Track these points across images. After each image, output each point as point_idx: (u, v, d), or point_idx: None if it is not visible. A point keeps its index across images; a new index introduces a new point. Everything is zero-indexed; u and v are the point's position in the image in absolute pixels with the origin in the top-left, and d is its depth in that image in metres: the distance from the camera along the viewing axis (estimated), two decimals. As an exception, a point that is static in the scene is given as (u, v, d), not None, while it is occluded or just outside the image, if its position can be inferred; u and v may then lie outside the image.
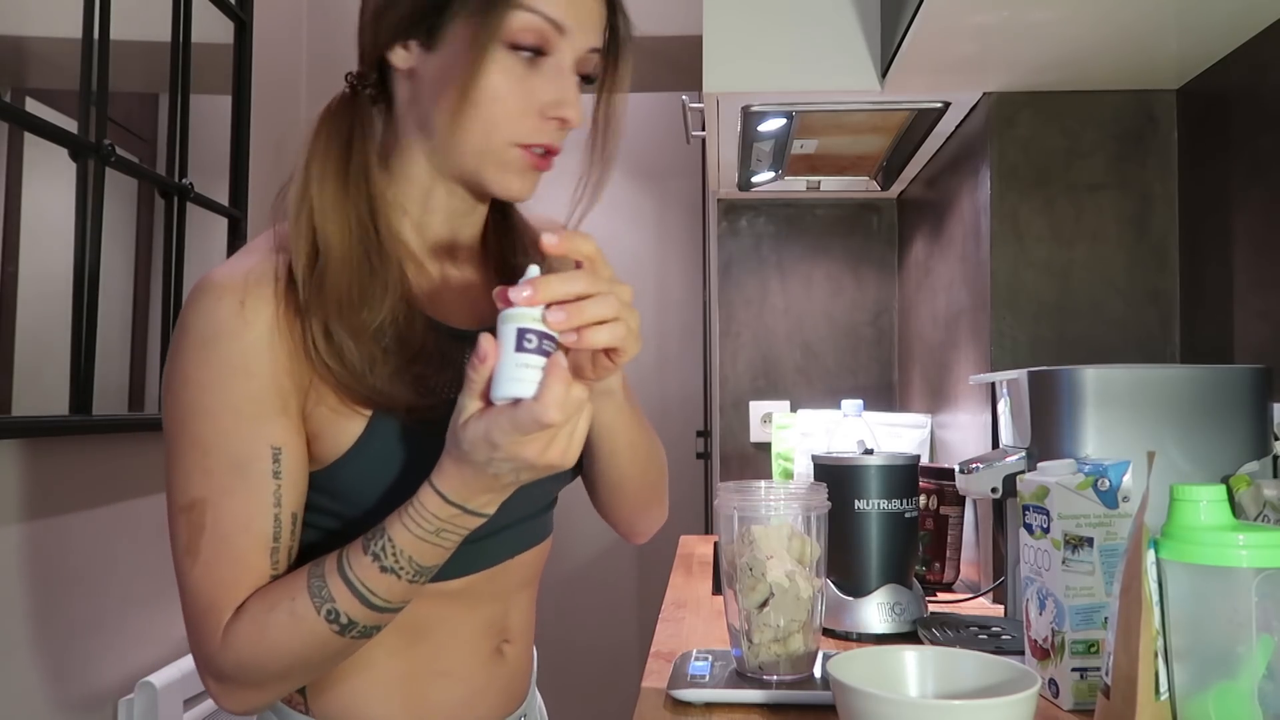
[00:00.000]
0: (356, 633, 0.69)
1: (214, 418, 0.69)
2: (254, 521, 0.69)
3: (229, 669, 0.69)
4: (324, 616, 0.68)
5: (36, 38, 1.35)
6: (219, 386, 0.69)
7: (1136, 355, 1.46)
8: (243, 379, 0.69)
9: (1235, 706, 0.63)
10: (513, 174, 0.75)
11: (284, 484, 0.70)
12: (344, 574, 0.68)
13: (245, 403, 0.69)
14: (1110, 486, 0.87)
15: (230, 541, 0.69)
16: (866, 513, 1.22)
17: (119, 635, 1.49)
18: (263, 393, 0.70)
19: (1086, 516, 0.87)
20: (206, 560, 0.69)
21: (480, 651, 0.83)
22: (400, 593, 0.69)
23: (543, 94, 0.73)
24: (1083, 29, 1.27)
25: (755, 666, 0.95)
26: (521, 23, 0.71)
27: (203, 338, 0.69)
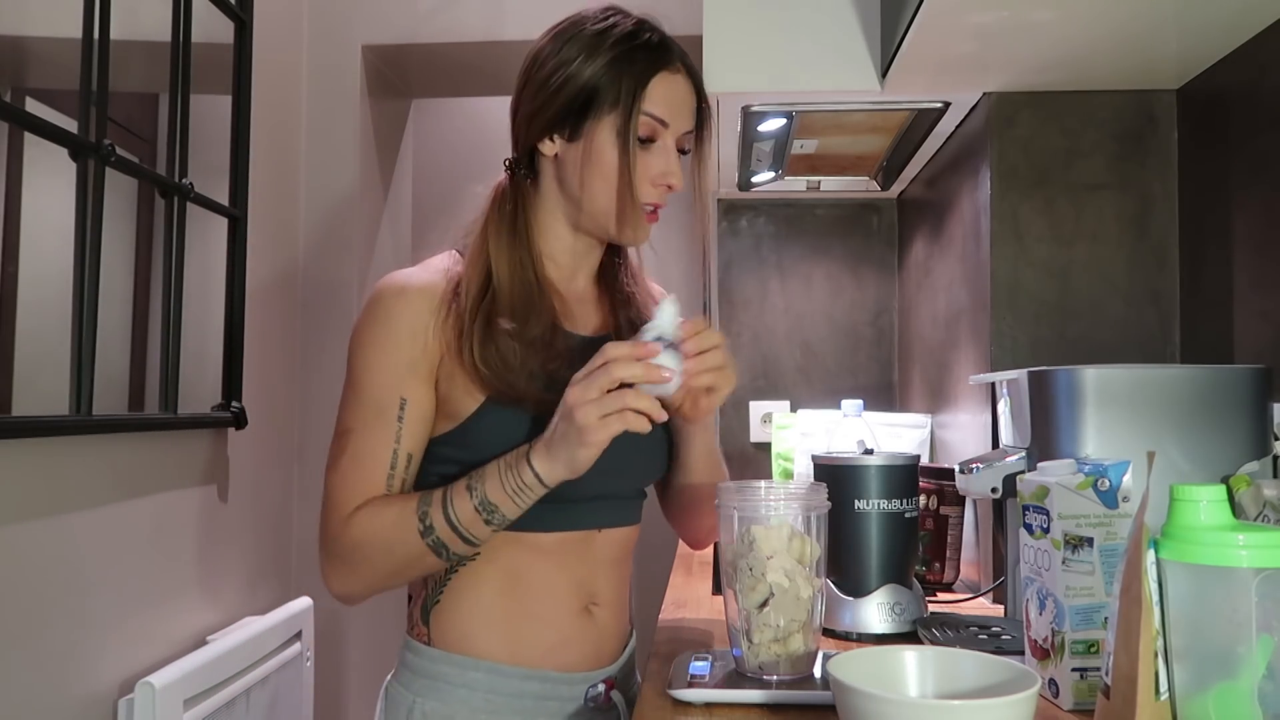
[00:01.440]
0: (434, 543, 0.93)
1: (369, 371, 0.98)
2: (379, 451, 0.97)
3: (343, 546, 0.95)
4: (419, 519, 0.93)
5: (36, 38, 1.35)
6: (377, 349, 0.98)
7: (1136, 355, 1.46)
8: (393, 347, 0.97)
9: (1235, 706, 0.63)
10: (633, 227, 1.03)
11: (404, 428, 0.97)
12: (445, 497, 0.93)
13: (391, 364, 0.97)
14: (1110, 486, 0.87)
15: (360, 462, 0.97)
16: (866, 513, 1.22)
17: (119, 635, 1.49)
18: (404, 359, 0.97)
19: (1086, 516, 0.87)
20: (343, 473, 0.97)
21: (570, 606, 1.03)
22: (480, 531, 0.93)
23: (655, 168, 1.01)
24: (1083, 29, 1.27)
25: (755, 666, 0.95)
26: (648, 126, 1.00)
27: (376, 315, 0.99)
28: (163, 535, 1.62)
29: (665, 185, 1.02)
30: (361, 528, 0.95)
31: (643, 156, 1.01)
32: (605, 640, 1.07)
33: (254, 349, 1.92)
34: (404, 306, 0.98)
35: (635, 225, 1.03)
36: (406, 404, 0.97)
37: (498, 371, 0.96)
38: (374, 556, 0.95)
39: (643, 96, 0.99)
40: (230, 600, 1.85)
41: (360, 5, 2.32)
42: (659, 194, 1.03)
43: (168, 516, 1.64)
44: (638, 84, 0.99)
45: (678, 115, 1.02)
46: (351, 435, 0.97)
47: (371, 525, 0.94)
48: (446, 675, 1.00)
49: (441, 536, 0.93)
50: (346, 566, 0.96)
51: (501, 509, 0.92)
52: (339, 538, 0.96)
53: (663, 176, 1.02)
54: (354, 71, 2.32)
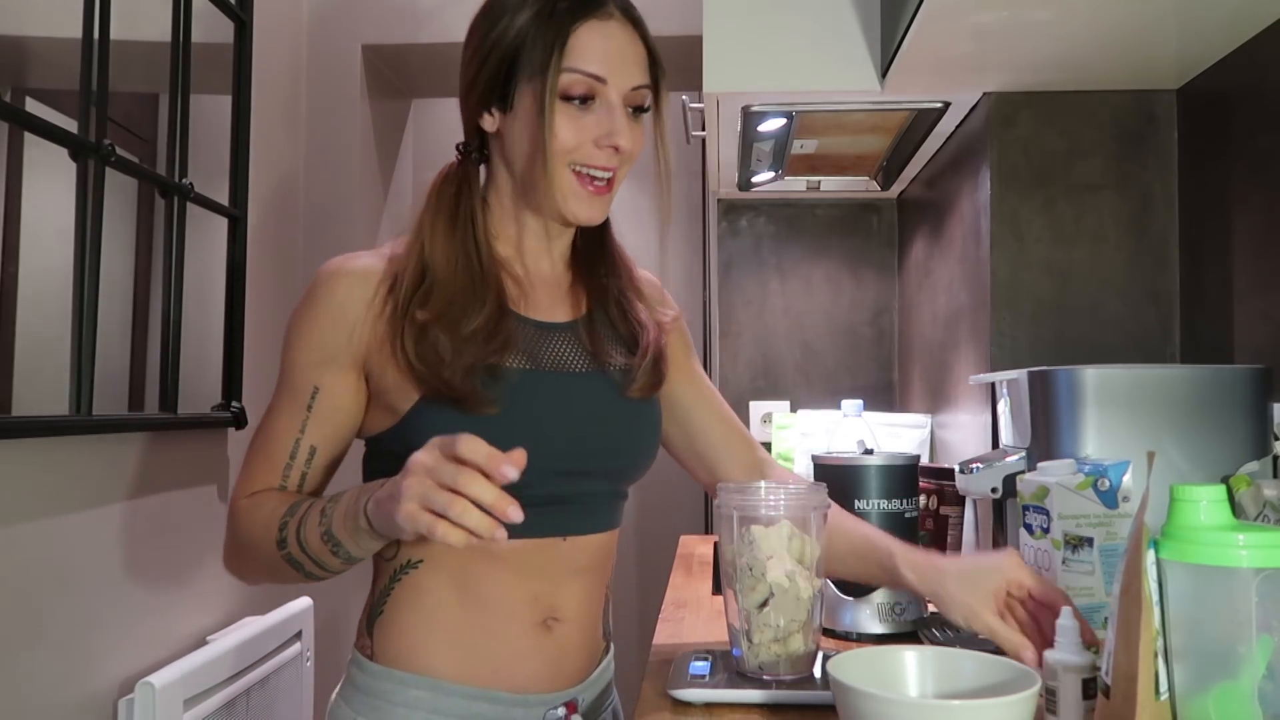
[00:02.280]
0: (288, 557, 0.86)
1: (290, 352, 0.93)
2: (282, 438, 0.92)
3: (230, 523, 0.93)
4: (279, 528, 0.86)
5: (36, 38, 1.35)
6: (300, 332, 0.92)
7: (1136, 355, 1.46)
8: (315, 332, 0.91)
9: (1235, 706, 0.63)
10: (574, 198, 0.92)
11: (311, 418, 0.91)
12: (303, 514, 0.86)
13: (310, 350, 0.91)
14: (1110, 486, 0.87)
15: (265, 445, 0.93)
16: (866, 513, 1.22)
17: (119, 635, 1.49)
18: (324, 346, 0.91)
19: (1086, 516, 0.87)
20: (253, 448, 0.94)
21: (524, 620, 0.93)
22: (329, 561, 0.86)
23: (595, 129, 0.90)
24: (1083, 29, 1.27)
25: (755, 666, 0.95)
26: (569, 80, 0.89)
27: (308, 296, 0.93)
28: (163, 535, 1.62)
29: (610, 147, 0.90)
30: (243, 516, 0.91)
31: (579, 118, 0.90)
32: (567, 658, 0.95)
33: (254, 349, 1.92)
34: (333, 291, 0.91)
35: (568, 194, 0.91)
36: (318, 393, 0.91)
37: (433, 368, 0.87)
38: (246, 549, 0.91)
39: (565, 50, 0.88)
40: (230, 600, 1.85)
41: (360, 5, 2.32)
42: (605, 156, 0.91)
43: (168, 516, 1.64)
44: (557, 36, 0.88)
45: (618, 68, 0.90)
46: (268, 415, 0.94)
47: (249, 519, 0.90)
48: (387, 693, 0.91)
49: (294, 555, 0.86)
50: (231, 548, 0.94)
51: (345, 545, 0.83)
52: (231, 513, 0.93)
53: (607, 137, 0.90)
54: (354, 71, 2.32)
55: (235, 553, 0.94)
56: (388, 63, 2.43)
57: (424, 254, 0.91)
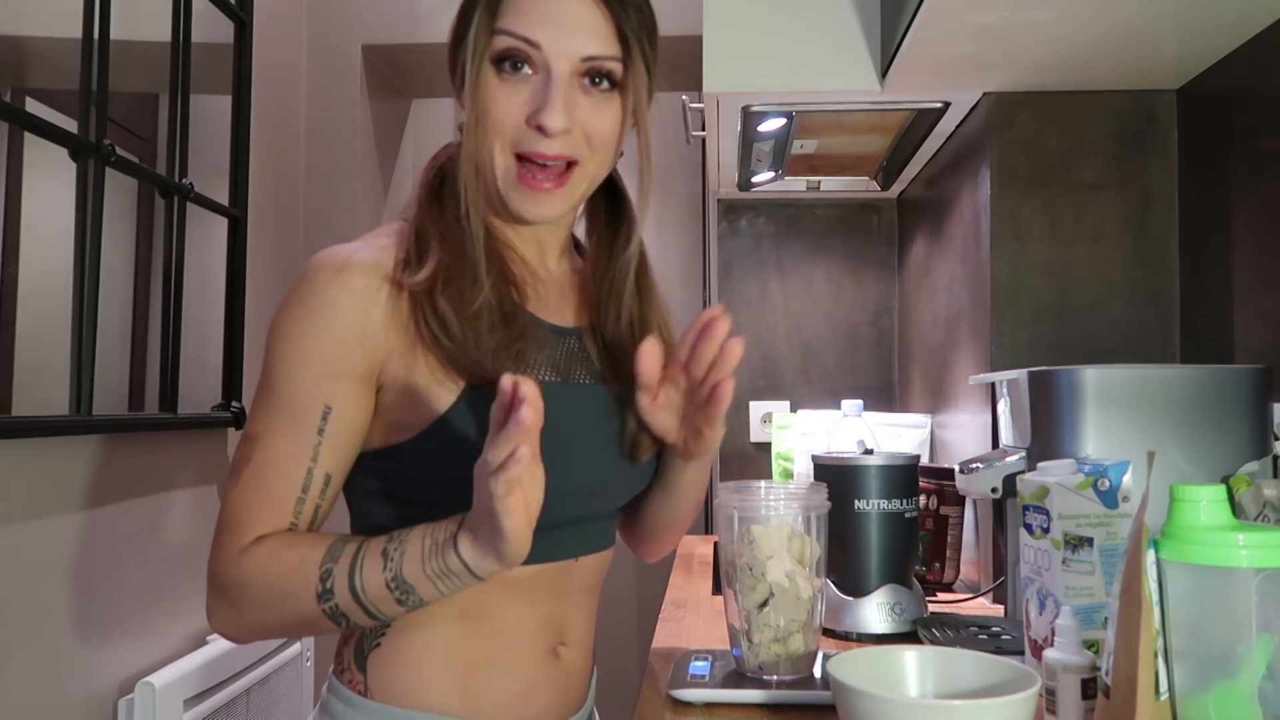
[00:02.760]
0: (331, 610, 0.74)
1: (286, 366, 0.77)
2: (289, 467, 0.77)
3: (230, 583, 0.76)
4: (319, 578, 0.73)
5: (36, 38, 1.35)
6: (299, 340, 0.77)
7: (1136, 355, 1.46)
8: (323, 340, 0.77)
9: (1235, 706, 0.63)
10: (515, 195, 0.80)
11: (325, 442, 0.77)
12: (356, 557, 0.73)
13: (315, 358, 0.77)
14: (1110, 486, 0.87)
15: (265, 476, 0.77)
16: (866, 513, 1.22)
17: (119, 635, 1.49)
18: (334, 353, 0.77)
19: (1086, 516, 0.87)
20: (243, 487, 0.77)
21: (537, 648, 0.85)
22: (389, 609, 0.74)
23: (528, 104, 0.78)
24: (1083, 29, 1.27)
25: (755, 666, 0.95)
26: (501, 44, 0.78)
27: (304, 298, 0.78)
28: (163, 535, 1.62)
29: (537, 126, 0.77)
30: (254, 568, 0.75)
31: (516, 90, 0.78)
32: (572, 685, 0.89)
33: (254, 349, 1.92)
34: (340, 290, 0.77)
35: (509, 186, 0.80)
36: (331, 413, 0.77)
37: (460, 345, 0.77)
38: (261, 606, 0.75)
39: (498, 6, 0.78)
40: (230, 600, 1.85)
41: (360, 5, 2.32)
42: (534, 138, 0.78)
43: (168, 516, 1.64)
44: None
45: (560, 32, 0.77)
46: (259, 443, 0.77)
47: (266, 568, 0.75)
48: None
49: (342, 606, 0.73)
50: (230, 606, 0.77)
51: (419, 591, 0.72)
52: (226, 570, 0.76)
53: (534, 115, 0.77)
54: (354, 71, 2.32)
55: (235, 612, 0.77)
56: (388, 63, 2.43)
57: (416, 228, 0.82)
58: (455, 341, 0.77)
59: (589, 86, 0.80)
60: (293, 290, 0.79)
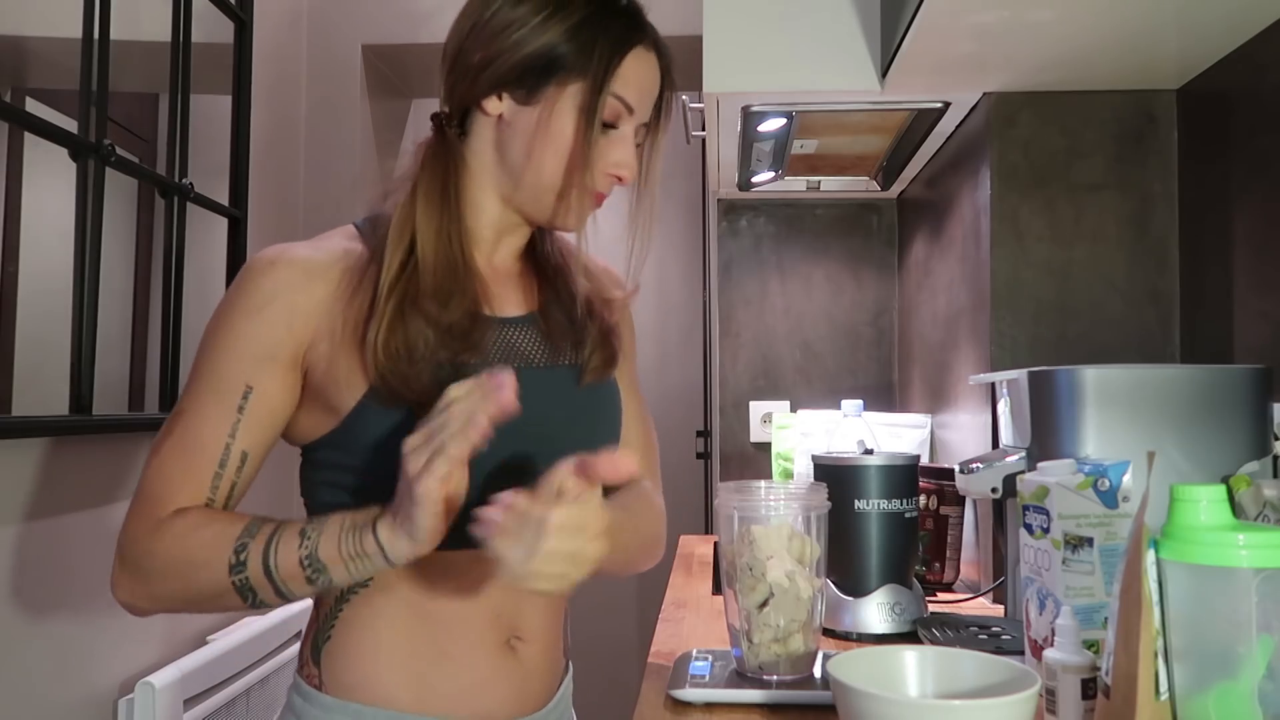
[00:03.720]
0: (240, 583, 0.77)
1: (215, 348, 0.84)
2: (210, 441, 0.82)
3: (142, 552, 0.79)
4: (234, 550, 0.77)
5: (36, 38, 1.35)
6: (230, 325, 0.84)
7: (1136, 355, 1.46)
8: (250, 325, 0.83)
9: (1235, 706, 0.63)
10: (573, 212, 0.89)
11: (244, 421, 0.82)
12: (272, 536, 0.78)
13: (241, 340, 0.83)
14: (1110, 486, 0.87)
15: (185, 450, 0.82)
16: (866, 513, 1.22)
17: (119, 635, 1.49)
18: (259, 336, 0.83)
19: (1086, 516, 0.87)
20: (162, 459, 0.82)
21: (486, 641, 0.86)
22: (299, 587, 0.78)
23: (610, 156, 0.89)
24: (1083, 29, 1.27)
25: (755, 666, 0.95)
26: (612, 107, 0.87)
27: (239, 288, 0.85)
28: (163, 535, 1.62)
29: (616, 176, 0.90)
30: (169, 539, 0.78)
31: (601, 141, 0.88)
32: (531, 681, 0.89)
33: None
34: (272, 280, 0.84)
35: (580, 211, 0.89)
36: (251, 393, 0.82)
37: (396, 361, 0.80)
38: (171, 575, 0.79)
39: (616, 74, 0.86)
40: (230, 600, 1.85)
41: (360, 5, 2.33)
42: (609, 184, 0.91)
43: (168, 516, 1.64)
44: (613, 56, 0.86)
45: (644, 103, 0.90)
46: (181, 418, 0.82)
47: (182, 539, 0.78)
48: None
49: (252, 580, 0.77)
50: (137, 575, 0.80)
51: (330, 571, 0.76)
52: (139, 541, 0.79)
53: (617, 167, 0.89)
54: (354, 71, 2.32)
55: (142, 581, 0.80)
56: (388, 63, 2.43)
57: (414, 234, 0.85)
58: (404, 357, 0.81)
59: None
60: (235, 283, 0.86)
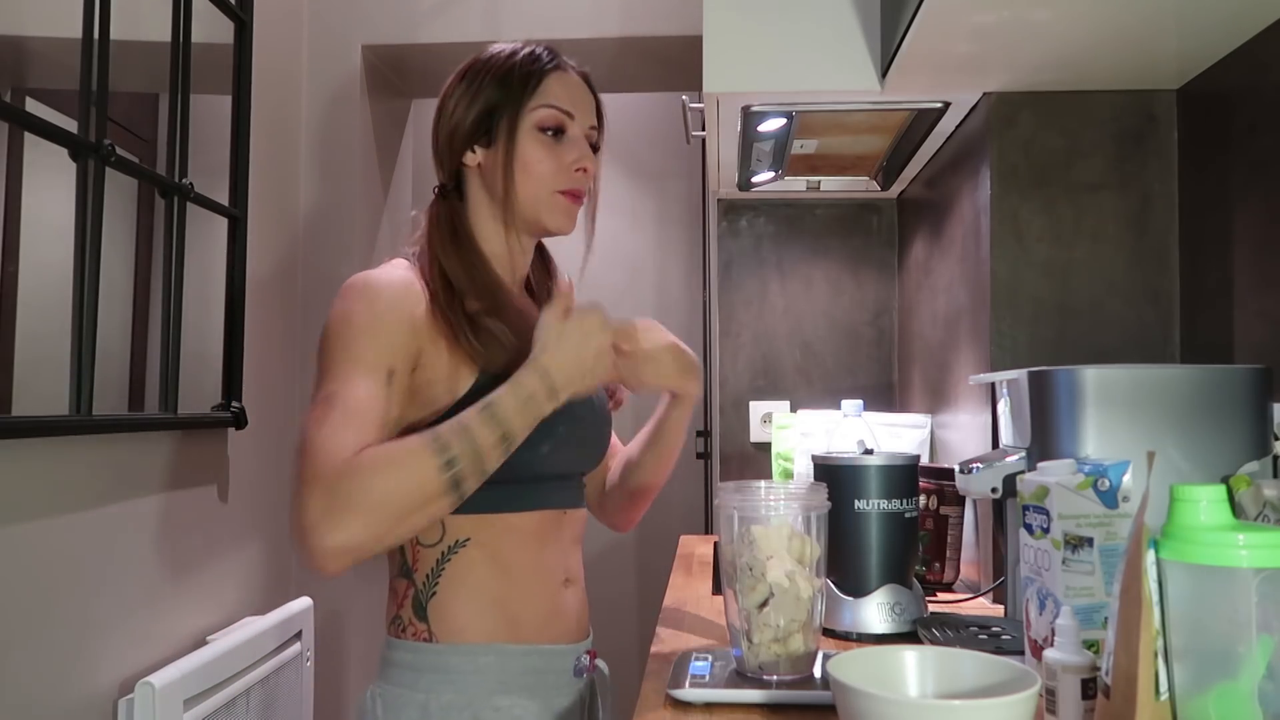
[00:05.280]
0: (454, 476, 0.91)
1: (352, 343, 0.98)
2: (372, 405, 0.95)
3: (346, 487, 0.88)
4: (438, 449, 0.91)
5: (36, 38, 1.35)
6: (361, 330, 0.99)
7: (1136, 355, 1.46)
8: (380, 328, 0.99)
9: (1235, 706, 0.63)
10: (559, 213, 1.12)
11: (393, 394, 0.98)
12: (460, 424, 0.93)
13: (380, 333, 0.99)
14: (1110, 486, 0.87)
15: (353, 416, 0.93)
16: (866, 513, 1.22)
17: (119, 635, 1.49)
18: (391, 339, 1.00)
19: (1086, 516, 0.87)
20: (334, 425, 0.92)
21: (554, 581, 1.11)
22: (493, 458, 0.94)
23: (567, 156, 1.11)
24: (1083, 29, 1.27)
25: (755, 666, 0.95)
26: (545, 115, 1.11)
27: (358, 302, 1.00)
28: (163, 535, 1.62)
29: (580, 169, 1.11)
30: (369, 464, 0.89)
31: (554, 147, 1.11)
32: (582, 614, 1.16)
33: (254, 349, 1.92)
34: (389, 295, 1.02)
35: (554, 210, 1.12)
36: (394, 376, 0.98)
37: (496, 349, 1.03)
38: (384, 495, 0.88)
39: (541, 90, 1.10)
40: (230, 600, 1.85)
41: (360, 5, 2.32)
42: (578, 180, 1.12)
43: (168, 516, 1.64)
44: (529, 80, 1.11)
45: (581, 108, 1.13)
46: (339, 395, 0.94)
47: (379, 459, 0.89)
48: (458, 666, 1.03)
49: (464, 469, 0.91)
50: (350, 510, 0.87)
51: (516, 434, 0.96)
52: (341, 479, 0.88)
53: (577, 162, 1.11)
54: (354, 71, 2.32)
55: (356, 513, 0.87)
56: (388, 63, 2.43)
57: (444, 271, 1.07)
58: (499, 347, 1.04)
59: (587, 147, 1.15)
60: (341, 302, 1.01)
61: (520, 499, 1.07)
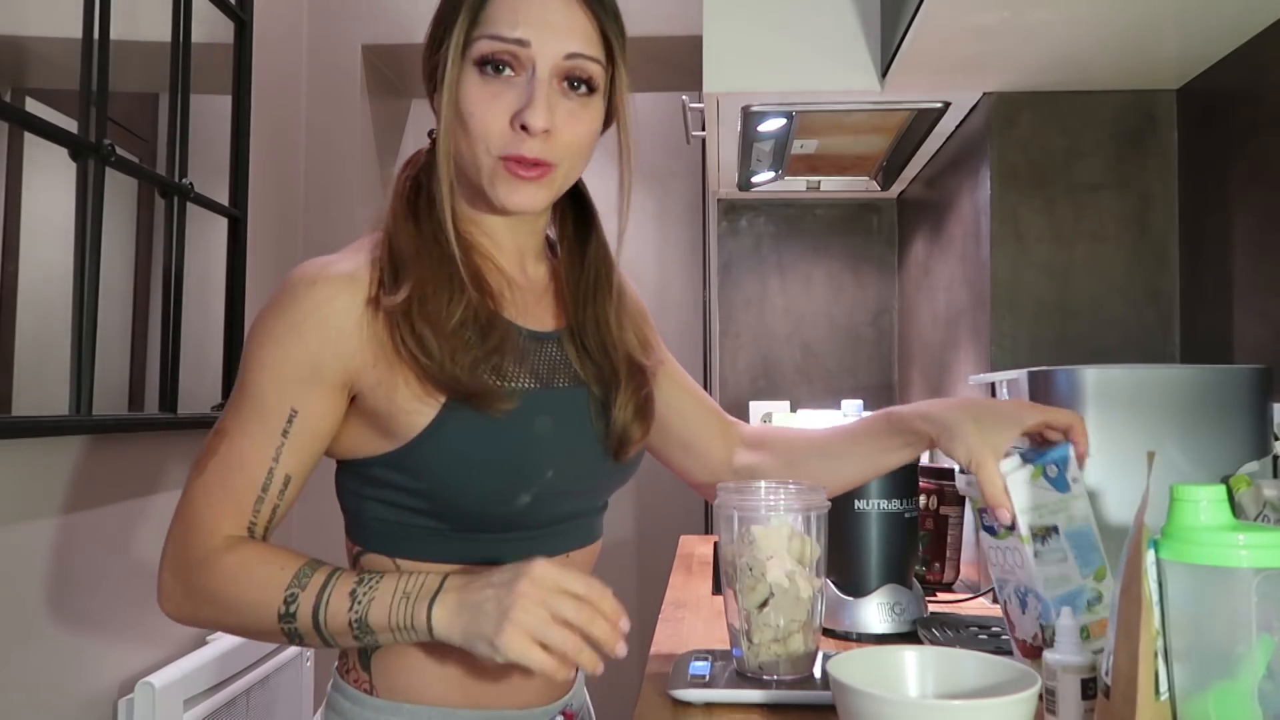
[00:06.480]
0: (289, 630, 0.78)
1: (259, 370, 0.80)
2: (253, 465, 0.80)
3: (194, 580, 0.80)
4: (284, 600, 0.77)
5: (36, 38, 1.35)
6: (272, 345, 0.80)
7: (1136, 355, 1.46)
8: (293, 346, 0.79)
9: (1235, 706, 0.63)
10: (501, 185, 0.81)
11: (288, 444, 0.80)
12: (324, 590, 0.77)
13: (286, 363, 0.79)
14: (1059, 472, 0.87)
15: (228, 474, 0.80)
16: (866, 513, 1.22)
17: (119, 635, 1.49)
18: (304, 360, 0.79)
19: (1046, 505, 0.87)
20: (207, 479, 0.81)
21: None
22: (345, 641, 0.78)
23: (513, 105, 0.79)
24: (1083, 29, 1.27)
25: (755, 666, 0.95)
26: (485, 48, 0.79)
27: (281, 306, 0.81)
28: (163, 535, 1.62)
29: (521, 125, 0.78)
30: (221, 576, 0.79)
31: (495, 91, 0.79)
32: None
33: (254, 349, 1.92)
34: (316, 299, 0.80)
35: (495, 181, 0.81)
36: (296, 417, 0.79)
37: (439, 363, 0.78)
38: (221, 608, 0.79)
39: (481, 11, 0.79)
40: (230, 600, 1.85)
41: (360, 5, 2.33)
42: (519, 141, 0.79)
43: (168, 516, 1.63)
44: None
45: (545, 32, 0.78)
46: (224, 439, 0.80)
47: (234, 578, 0.78)
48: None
49: (300, 630, 0.77)
50: (188, 597, 0.81)
51: (378, 635, 0.76)
52: (192, 570, 0.80)
53: (517, 116, 0.78)
54: (354, 71, 2.32)
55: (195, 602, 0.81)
56: (388, 63, 2.43)
57: (391, 243, 0.83)
58: (434, 360, 0.78)
59: (568, 90, 0.81)
60: (272, 300, 0.82)
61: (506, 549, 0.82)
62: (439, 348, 0.78)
